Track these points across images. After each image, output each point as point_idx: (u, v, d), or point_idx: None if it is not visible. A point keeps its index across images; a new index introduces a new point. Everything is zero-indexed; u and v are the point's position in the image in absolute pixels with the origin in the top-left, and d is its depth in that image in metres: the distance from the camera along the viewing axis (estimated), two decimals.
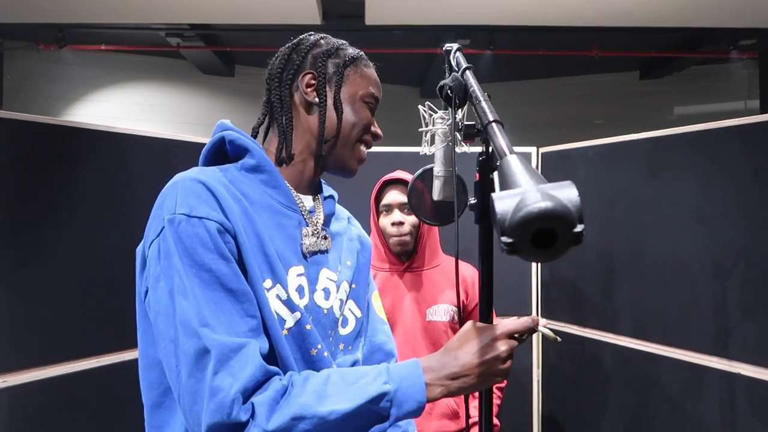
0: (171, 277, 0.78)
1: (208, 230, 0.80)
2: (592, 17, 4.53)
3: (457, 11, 4.38)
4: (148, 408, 0.89)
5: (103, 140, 1.85)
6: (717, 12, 4.38)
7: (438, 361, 0.83)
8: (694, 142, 1.87)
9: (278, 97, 1.00)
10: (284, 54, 1.02)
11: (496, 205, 0.51)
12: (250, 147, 0.96)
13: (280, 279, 0.87)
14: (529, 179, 0.55)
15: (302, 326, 0.89)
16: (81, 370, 1.77)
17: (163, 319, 0.78)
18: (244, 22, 4.52)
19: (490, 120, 0.75)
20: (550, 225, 0.50)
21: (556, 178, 1.92)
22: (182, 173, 0.88)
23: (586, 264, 2.22)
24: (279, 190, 0.95)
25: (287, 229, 0.95)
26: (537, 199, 0.50)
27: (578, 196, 0.51)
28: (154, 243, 0.82)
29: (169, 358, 0.77)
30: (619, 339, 2.10)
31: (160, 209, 0.83)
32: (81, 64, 6.39)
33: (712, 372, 1.78)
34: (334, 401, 0.76)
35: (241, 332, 0.77)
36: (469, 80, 0.89)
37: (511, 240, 0.50)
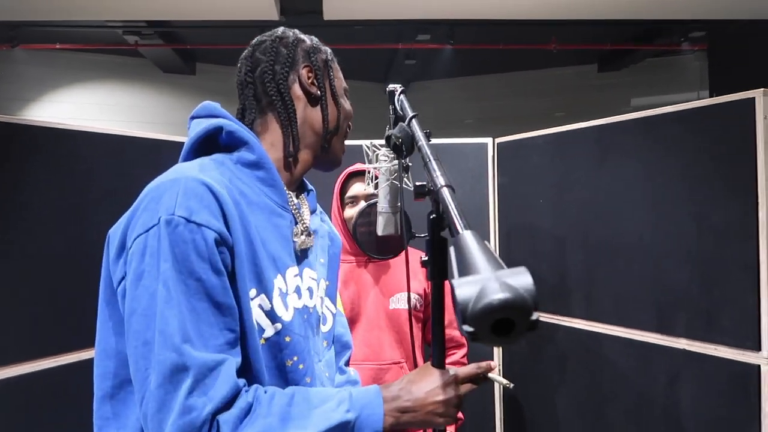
0: (156, 280, 0.75)
1: (206, 239, 0.77)
2: (549, 11, 4.62)
3: (416, 5, 4.41)
4: (99, 398, 0.87)
5: (55, 137, 1.82)
6: (669, 3, 4.51)
7: (394, 394, 0.86)
8: (639, 129, 1.93)
9: (276, 91, 0.98)
10: (270, 48, 1.00)
11: (457, 293, 0.53)
12: (250, 141, 0.92)
13: (265, 289, 0.86)
14: (487, 264, 0.57)
15: (281, 337, 0.88)
16: (39, 370, 1.75)
17: (139, 319, 0.76)
18: (202, 18, 4.47)
19: (442, 184, 0.76)
20: (509, 315, 0.52)
21: (510, 168, 1.96)
22: (183, 168, 0.84)
23: (542, 250, 2.28)
24: (275, 189, 0.93)
25: (282, 229, 0.94)
26: (496, 290, 0.52)
27: (533, 283, 0.53)
28: (141, 237, 0.77)
29: (139, 359, 0.75)
30: (573, 321, 2.16)
31: (156, 203, 0.78)
32: (35, 64, 6.24)
33: (659, 348, 1.85)
34: (297, 425, 0.77)
35: (217, 345, 0.76)
36: (416, 133, 0.90)
37: (472, 329, 0.52)
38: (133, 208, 0.82)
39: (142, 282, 0.76)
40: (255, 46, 1.02)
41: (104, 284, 0.87)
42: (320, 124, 1.01)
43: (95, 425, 0.88)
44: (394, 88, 1.03)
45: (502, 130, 2.58)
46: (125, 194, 1.93)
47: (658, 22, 5.23)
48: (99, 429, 0.87)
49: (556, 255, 2.22)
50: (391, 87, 1.04)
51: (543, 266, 2.26)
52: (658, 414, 1.87)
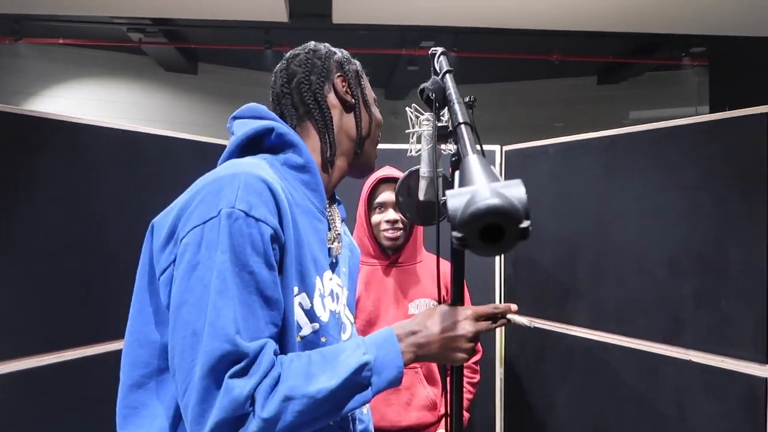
0: (211, 271, 0.76)
1: (262, 234, 0.79)
2: (552, 21, 4.66)
3: (422, 12, 4.43)
4: (126, 386, 0.87)
5: (64, 130, 1.82)
6: (670, 18, 4.56)
7: (408, 330, 0.87)
8: (648, 141, 1.95)
9: (313, 99, 1.01)
10: (305, 60, 1.03)
11: (449, 202, 0.55)
12: (299, 144, 0.95)
13: (307, 288, 0.89)
14: (484, 178, 0.59)
15: (318, 337, 0.90)
16: (43, 365, 1.74)
17: (190, 309, 0.76)
18: (210, 17, 4.47)
19: (459, 122, 0.79)
20: (498, 221, 0.53)
21: (518, 175, 1.97)
22: (241, 164, 0.85)
23: (547, 258, 2.29)
24: (317, 193, 0.96)
25: (321, 234, 0.96)
26: (486, 197, 0.53)
27: (525, 193, 0.54)
28: (198, 228, 0.78)
29: (186, 350, 0.76)
30: (577, 330, 2.17)
31: (215, 197, 0.79)
32: (38, 58, 6.21)
33: (666, 359, 1.86)
34: (319, 380, 0.78)
35: (261, 338, 0.78)
36: (447, 83, 0.93)
37: (461, 234, 0.54)
38: (187, 200, 0.82)
39: (196, 273, 0.77)
40: (289, 59, 1.05)
41: (143, 273, 0.87)
42: (354, 131, 1.05)
43: (120, 414, 0.87)
44: (434, 51, 1.06)
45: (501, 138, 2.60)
46: (132, 189, 1.95)
47: (658, 36, 5.29)
48: (124, 418, 0.87)
49: (561, 263, 2.23)
50: (433, 50, 1.07)
51: (548, 274, 2.28)
52: (661, 426, 1.88)
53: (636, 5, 4.26)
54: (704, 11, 4.34)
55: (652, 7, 4.29)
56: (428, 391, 1.83)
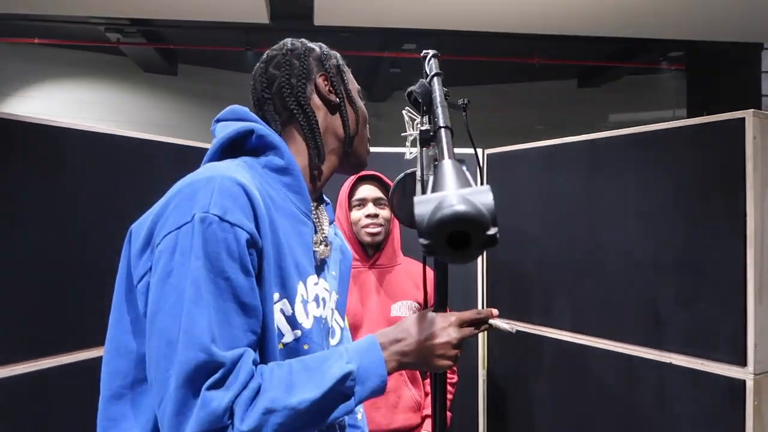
0: (186, 278, 0.74)
1: (238, 239, 0.76)
2: (533, 25, 4.70)
3: (404, 15, 4.44)
4: (106, 398, 0.85)
5: (38, 133, 1.78)
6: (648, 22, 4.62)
7: (392, 338, 0.86)
8: (629, 145, 1.97)
9: (296, 104, 0.97)
10: (283, 62, 0.99)
11: (416, 209, 0.54)
12: (280, 146, 0.92)
13: (288, 294, 0.86)
14: (454, 184, 0.58)
15: (300, 345, 0.88)
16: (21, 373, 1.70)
17: (165, 318, 0.74)
18: (191, 18, 4.43)
19: (440, 125, 0.79)
20: (464, 228, 0.53)
21: (500, 179, 1.98)
22: (217, 167, 0.83)
23: (529, 261, 2.30)
24: (300, 196, 0.93)
25: (304, 237, 0.94)
26: (452, 203, 0.53)
27: (493, 200, 0.54)
28: (172, 234, 0.76)
29: (161, 359, 0.74)
30: (559, 333, 2.18)
31: (190, 201, 0.77)
32: (13, 58, 6.09)
33: (646, 362, 1.88)
34: (301, 390, 0.76)
35: (239, 346, 0.76)
36: (434, 86, 0.92)
37: (427, 241, 0.53)
38: (163, 204, 0.80)
39: (170, 280, 0.75)
40: (266, 62, 1.02)
41: (121, 280, 0.85)
42: (342, 130, 1.02)
43: (100, 426, 0.85)
44: (426, 53, 1.04)
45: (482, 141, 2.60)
46: (112, 193, 1.91)
47: (637, 41, 5.36)
48: (104, 430, 0.84)
49: (543, 266, 2.24)
50: (424, 52, 1.05)
51: (530, 277, 2.28)
52: (643, 428, 1.89)
53: (615, 10, 4.32)
54: (681, 16, 4.41)
55: (630, 12, 4.35)
56: (413, 393, 1.84)
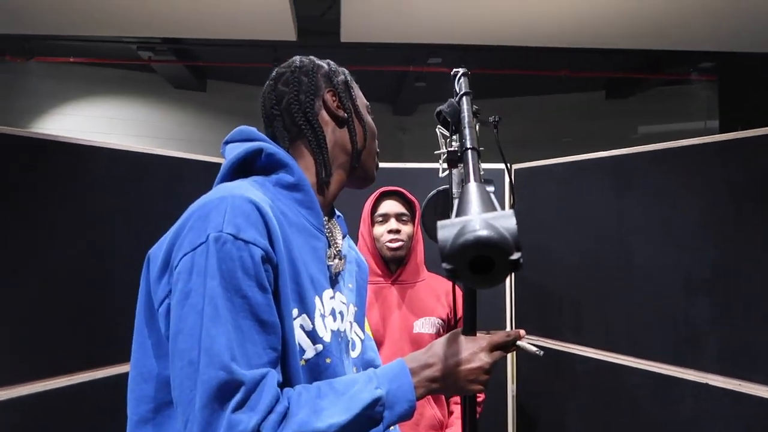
0: (203, 297, 0.75)
1: (252, 256, 0.77)
2: (560, 38, 4.67)
3: (429, 30, 4.46)
4: (134, 422, 0.86)
5: (69, 152, 1.82)
6: (678, 35, 4.56)
7: (422, 363, 0.85)
8: (658, 160, 1.94)
9: (305, 120, 0.99)
10: (292, 79, 1.02)
11: (439, 233, 0.54)
12: (290, 163, 0.94)
13: (307, 309, 0.87)
14: (478, 207, 0.58)
15: (322, 359, 0.88)
16: (51, 389, 1.73)
17: (185, 339, 0.75)
18: (219, 37, 4.51)
19: (467, 147, 0.79)
20: (486, 253, 0.52)
21: (527, 194, 1.97)
22: (229, 187, 0.84)
23: (558, 278, 2.27)
24: (312, 211, 0.95)
25: (318, 251, 0.95)
26: (474, 228, 0.53)
27: (516, 224, 0.54)
28: (188, 255, 0.77)
29: (184, 380, 0.74)
30: (589, 351, 2.14)
31: (203, 221, 0.78)
32: (49, 77, 6.28)
33: (681, 382, 1.83)
34: (330, 414, 0.76)
35: (260, 363, 0.76)
36: (463, 106, 0.92)
37: (450, 266, 0.53)
38: (178, 228, 0.82)
39: (189, 301, 0.76)
40: (275, 79, 1.04)
41: (142, 305, 0.87)
42: (349, 146, 1.03)
43: None
44: (457, 71, 1.05)
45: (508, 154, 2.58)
46: (142, 210, 1.95)
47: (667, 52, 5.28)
48: None
49: (572, 283, 2.21)
50: (454, 70, 1.06)
51: (559, 294, 2.25)
52: None
53: (644, 23, 4.26)
54: (713, 28, 4.34)
55: (660, 25, 4.29)
56: (435, 411, 1.82)
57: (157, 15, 4.19)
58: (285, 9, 3.88)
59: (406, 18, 4.19)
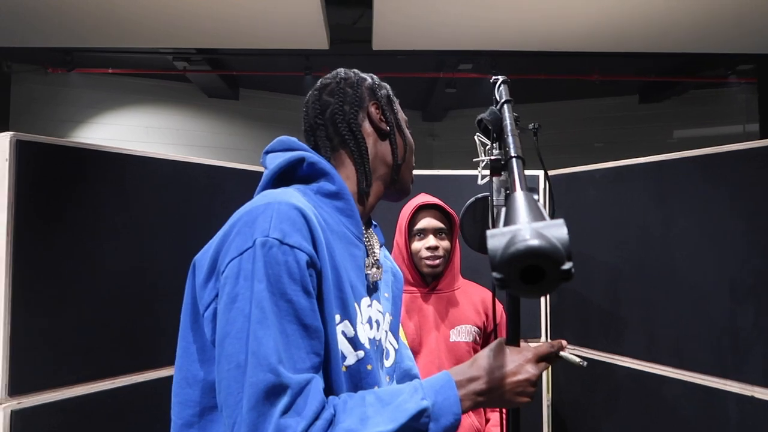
0: (250, 301, 0.76)
1: (298, 261, 0.78)
2: (593, 43, 4.61)
3: (460, 37, 4.46)
4: (178, 426, 0.87)
5: (110, 161, 1.87)
6: (715, 38, 4.46)
7: (468, 376, 0.85)
8: (702, 165, 1.90)
9: (348, 130, 1.01)
10: (337, 90, 1.03)
11: (489, 242, 0.54)
12: (331, 172, 0.96)
13: (349, 315, 0.88)
14: (527, 216, 0.58)
15: (363, 365, 0.89)
16: (96, 391, 1.77)
17: (233, 342, 0.76)
18: (253, 47, 4.59)
19: (512, 155, 0.79)
20: (538, 262, 0.52)
21: (564, 201, 1.95)
22: (274, 194, 0.86)
23: (596, 287, 2.24)
24: (353, 219, 0.96)
25: (357, 260, 0.96)
26: (525, 237, 0.53)
27: (567, 234, 0.54)
28: (236, 260, 0.79)
29: (232, 383, 0.75)
30: (629, 361, 2.10)
31: (250, 227, 0.80)
32: (88, 87, 6.47)
33: (726, 395, 1.78)
34: (376, 423, 0.77)
35: (304, 368, 0.77)
36: (504, 114, 0.92)
37: (500, 276, 0.53)
38: (224, 233, 0.84)
39: (236, 304, 0.77)
40: (320, 89, 1.06)
41: (187, 310, 0.88)
42: (390, 158, 1.05)
43: None
44: (496, 79, 1.05)
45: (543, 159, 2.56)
46: (181, 219, 1.99)
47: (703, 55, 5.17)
48: None
49: (611, 292, 2.18)
50: (494, 78, 1.07)
51: (598, 303, 2.22)
52: None
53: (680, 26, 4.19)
54: (751, 29, 4.24)
55: (696, 28, 4.21)
56: (473, 420, 1.81)
57: (191, 27, 4.29)
58: (318, 18, 3.93)
59: (437, 25, 4.20)
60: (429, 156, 7.70)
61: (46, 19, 4.23)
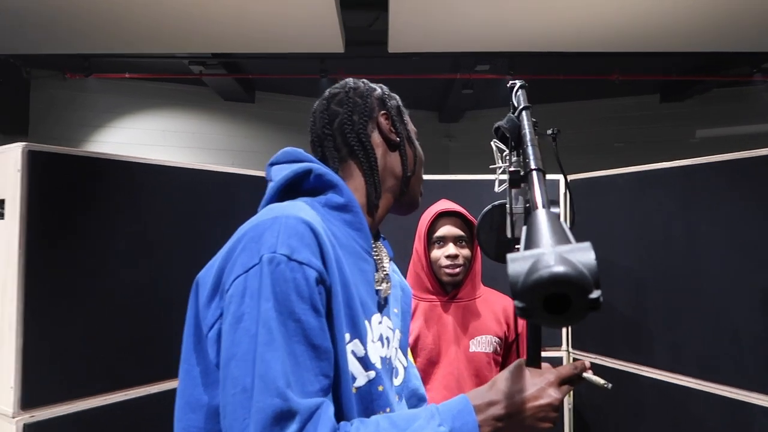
0: (256, 321, 0.72)
1: (307, 278, 0.75)
2: (612, 43, 4.53)
3: (477, 38, 4.41)
4: None
5: (130, 171, 1.86)
6: (739, 36, 4.36)
7: (487, 400, 0.80)
8: (729, 171, 1.83)
9: (357, 140, 0.98)
10: (346, 100, 1.00)
11: (509, 268, 0.50)
12: (339, 184, 0.92)
13: (359, 334, 0.84)
14: (550, 239, 0.54)
15: (374, 386, 0.85)
16: (109, 403, 1.76)
17: (239, 364, 0.72)
18: (268, 51, 4.59)
19: (531, 168, 0.75)
20: (563, 291, 0.48)
21: (585, 207, 1.88)
22: (281, 207, 0.83)
23: (618, 295, 2.17)
24: (361, 233, 0.92)
25: (367, 275, 0.92)
26: (550, 263, 0.48)
27: (595, 259, 0.49)
28: (241, 277, 0.75)
29: (237, 408, 0.71)
30: (652, 372, 2.04)
31: (256, 243, 0.76)
32: (106, 92, 6.53)
33: (755, 409, 1.71)
34: None
35: (313, 391, 0.73)
36: (523, 122, 0.88)
37: (522, 304, 0.49)
38: (228, 250, 0.80)
39: (242, 324, 0.73)
40: (328, 99, 1.02)
41: (190, 330, 0.85)
42: (400, 169, 1.02)
43: None
44: (513, 83, 1.02)
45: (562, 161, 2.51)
46: (196, 227, 1.97)
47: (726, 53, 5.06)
48: None
49: (634, 301, 2.11)
50: (511, 83, 1.04)
51: (620, 312, 2.16)
52: None
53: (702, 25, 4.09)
54: None
55: (719, 26, 4.11)
56: None
57: (207, 32, 4.30)
58: (333, 21, 3.92)
59: (453, 27, 4.16)
60: (445, 157, 7.65)
61: (64, 26, 4.27)
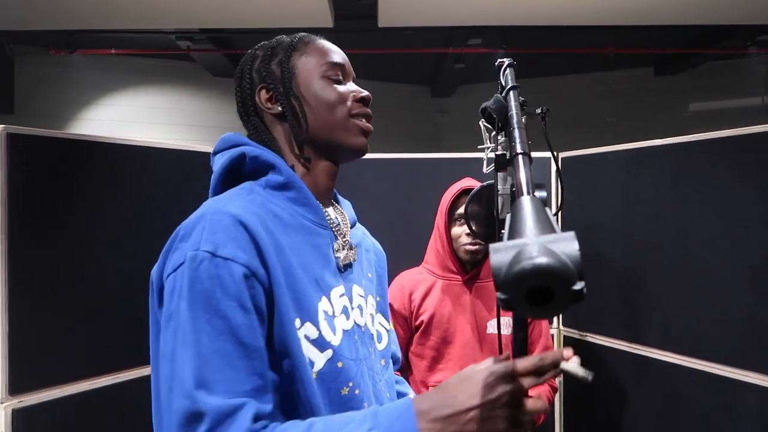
0: (178, 320, 0.73)
1: (232, 274, 0.73)
2: (606, 16, 4.47)
3: (469, 11, 4.33)
4: None
5: (115, 152, 1.82)
6: (735, 8, 4.30)
7: (432, 403, 0.71)
8: (722, 148, 1.81)
9: (253, 128, 0.96)
10: (237, 82, 0.99)
11: (492, 258, 0.49)
12: (276, 163, 0.90)
13: (310, 316, 0.82)
14: (533, 228, 0.53)
15: (333, 365, 0.83)
16: (98, 387, 1.75)
17: (163, 364, 0.74)
18: (256, 26, 4.50)
19: (517, 152, 0.73)
20: (546, 283, 0.48)
21: (576, 185, 1.86)
22: (210, 202, 0.82)
23: (610, 273, 2.17)
24: (309, 207, 0.90)
25: (321, 248, 0.90)
26: (533, 255, 0.48)
27: (578, 249, 0.49)
28: (171, 276, 0.76)
29: (165, 407, 0.73)
30: (642, 349, 2.05)
31: (185, 241, 0.77)
32: (92, 68, 6.41)
33: (744, 386, 1.73)
34: None
35: (242, 391, 0.71)
36: (510, 103, 0.85)
37: (505, 296, 0.49)
38: (166, 248, 0.81)
39: (170, 323, 0.74)
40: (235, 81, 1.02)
41: (152, 327, 0.86)
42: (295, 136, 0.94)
43: None
44: (501, 62, 0.99)
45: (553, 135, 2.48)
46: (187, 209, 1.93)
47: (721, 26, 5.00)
48: None
49: (627, 278, 2.11)
50: (499, 61, 1.00)
51: (611, 290, 2.16)
52: None
53: None
54: None
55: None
56: None
57: (193, 6, 4.21)
58: None
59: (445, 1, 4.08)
60: (438, 132, 7.59)
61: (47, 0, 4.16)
